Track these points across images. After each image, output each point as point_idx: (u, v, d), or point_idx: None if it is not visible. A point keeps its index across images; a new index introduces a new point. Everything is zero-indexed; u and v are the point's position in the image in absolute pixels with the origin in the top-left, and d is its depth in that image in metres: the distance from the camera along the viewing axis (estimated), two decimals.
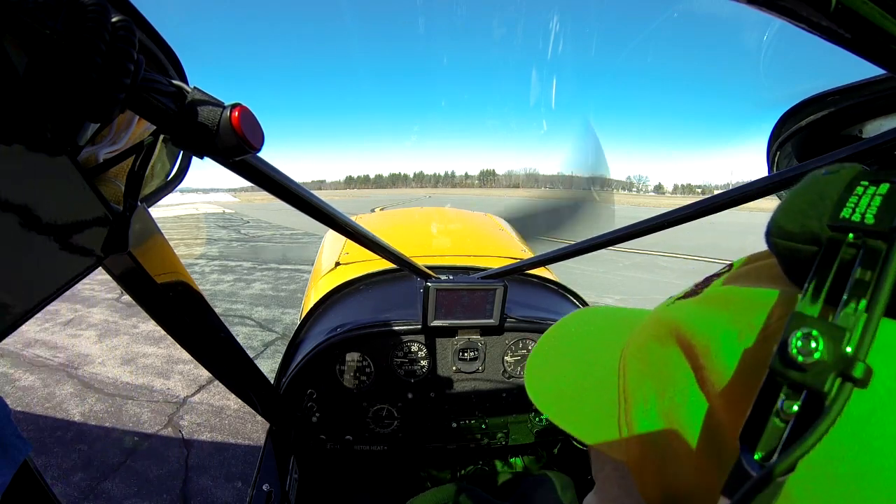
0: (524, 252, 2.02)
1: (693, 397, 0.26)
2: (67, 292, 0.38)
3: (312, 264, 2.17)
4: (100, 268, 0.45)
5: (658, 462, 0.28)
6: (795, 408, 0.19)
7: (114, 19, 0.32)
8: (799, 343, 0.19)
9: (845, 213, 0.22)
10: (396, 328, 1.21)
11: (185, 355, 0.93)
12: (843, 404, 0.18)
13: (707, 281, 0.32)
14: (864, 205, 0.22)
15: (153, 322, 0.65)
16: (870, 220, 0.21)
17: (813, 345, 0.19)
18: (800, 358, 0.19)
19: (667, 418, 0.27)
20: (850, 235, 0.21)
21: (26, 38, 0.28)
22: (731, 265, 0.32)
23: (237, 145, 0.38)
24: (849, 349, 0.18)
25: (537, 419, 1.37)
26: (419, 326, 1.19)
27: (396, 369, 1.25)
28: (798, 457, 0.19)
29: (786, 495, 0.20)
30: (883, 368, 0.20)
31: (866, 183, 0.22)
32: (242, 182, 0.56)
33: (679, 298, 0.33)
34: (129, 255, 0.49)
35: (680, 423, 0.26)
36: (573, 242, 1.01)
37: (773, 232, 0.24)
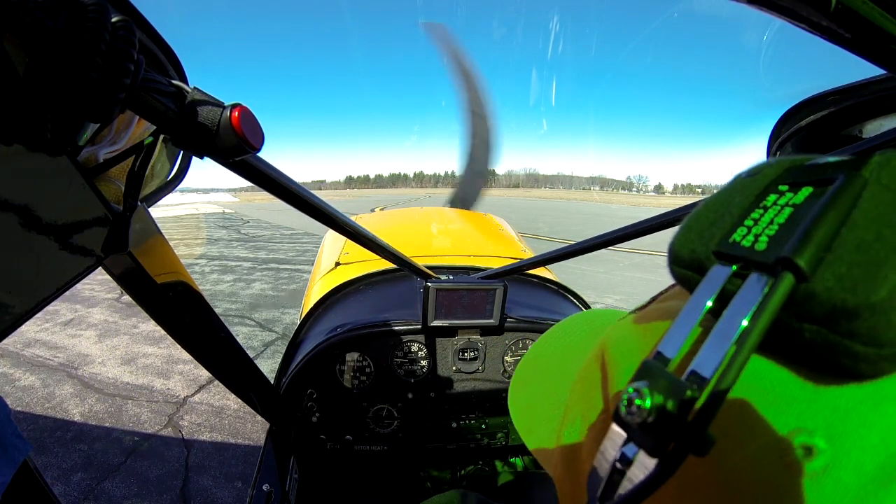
0: (524, 252, 2.02)
1: (602, 425, 0.24)
2: (67, 292, 0.38)
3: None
4: (100, 268, 0.45)
5: (573, 483, 0.26)
6: (637, 457, 0.17)
7: (114, 19, 0.32)
8: (625, 398, 0.17)
9: (738, 235, 0.18)
10: (396, 328, 1.21)
11: (185, 355, 0.93)
12: (671, 471, 0.15)
13: (663, 293, 0.29)
14: (766, 222, 0.18)
15: (153, 322, 0.65)
16: (762, 245, 0.17)
17: (639, 403, 0.16)
18: (624, 413, 0.17)
19: (583, 442, 0.26)
20: (734, 266, 0.18)
21: (26, 38, 0.28)
22: None
23: (237, 145, 0.38)
24: (683, 412, 0.15)
25: None
26: (419, 326, 1.19)
27: (396, 369, 1.25)
28: None
29: None
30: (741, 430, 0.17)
31: (784, 188, 0.19)
32: (242, 182, 0.56)
33: (635, 310, 0.30)
34: (129, 255, 0.49)
35: (590, 450, 0.25)
36: (573, 242, 1.01)
37: (669, 256, 0.21)
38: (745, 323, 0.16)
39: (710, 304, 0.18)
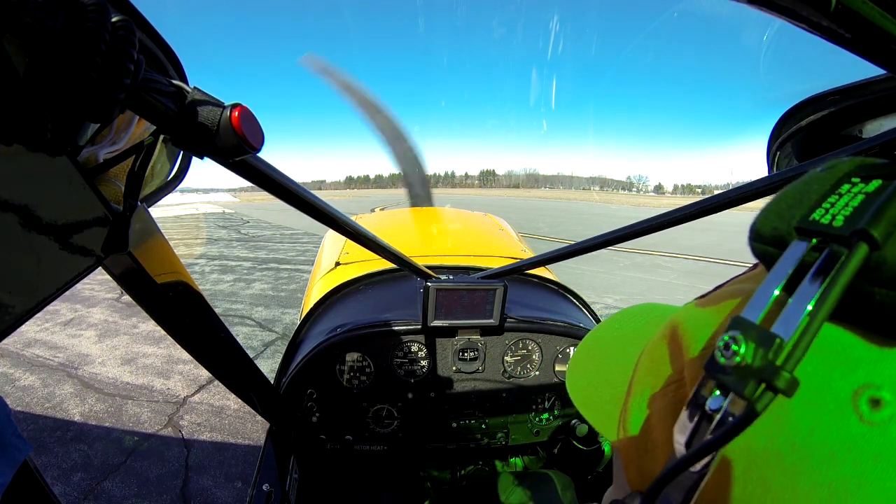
0: (524, 252, 2.02)
1: (674, 392, 0.27)
2: (67, 292, 0.38)
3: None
4: (100, 268, 0.45)
5: (640, 449, 0.29)
6: (723, 405, 0.20)
7: (114, 19, 0.32)
8: (721, 345, 0.19)
9: (817, 214, 0.21)
10: (396, 328, 1.21)
11: (185, 355, 0.93)
12: (760, 410, 0.18)
13: (729, 280, 0.32)
14: (842, 205, 0.20)
15: (153, 322, 0.65)
16: (839, 222, 0.20)
17: (735, 348, 0.19)
18: (721, 360, 0.19)
19: (651, 410, 0.29)
20: (814, 240, 0.20)
21: (26, 38, 0.28)
22: (756, 265, 0.32)
23: (237, 145, 0.38)
24: (772, 356, 0.18)
25: (537, 419, 1.37)
26: (419, 326, 1.19)
27: (396, 369, 1.25)
28: (704, 452, 0.19)
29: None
30: (814, 377, 0.20)
31: (857, 180, 0.21)
32: (242, 182, 0.56)
33: (697, 299, 0.33)
34: (129, 255, 0.49)
35: (660, 416, 0.28)
36: (573, 242, 1.01)
37: (751, 234, 0.24)
38: (825, 283, 0.18)
39: (791, 272, 0.20)
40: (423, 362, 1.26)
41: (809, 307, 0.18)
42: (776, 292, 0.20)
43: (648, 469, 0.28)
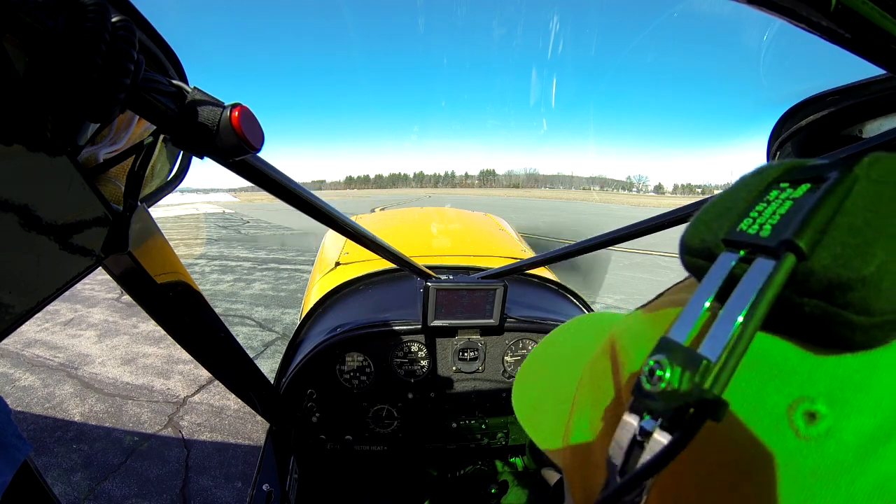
0: (524, 252, 2.02)
1: (614, 410, 0.25)
2: (67, 292, 0.38)
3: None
4: (100, 268, 0.45)
5: (584, 470, 0.27)
6: (653, 430, 0.18)
7: (114, 19, 0.32)
8: (647, 371, 0.18)
9: (744, 224, 0.20)
10: (396, 328, 1.21)
11: (185, 355, 0.93)
12: (689, 437, 0.17)
13: (669, 289, 0.30)
14: (769, 214, 0.19)
15: (153, 322, 0.65)
16: (766, 232, 0.19)
17: (659, 373, 0.18)
18: (647, 385, 0.18)
19: (593, 430, 0.27)
20: (742, 251, 0.19)
21: (26, 38, 0.28)
22: None
23: (237, 145, 0.38)
24: (699, 379, 0.17)
25: None
26: (419, 326, 1.19)
27: (396, 369, 1.25)
28: (634, 482, 0.18)
29: None
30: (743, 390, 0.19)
31: (785, 185, 0.20)
32: (242, 182, 0.56)
33: (641, 307, 0.32)
34: (129, 255, 0.49)
35: (601, 437, 0.26)
36: (573, 242, 1.01)
37: (681, 247, 0.23)
38: (753, 297, 0.17)
39: (719, 286, 0.19)
40: (423, 362, 1.26)
41: (738, 322, 0.17)
42: (705, 307, 0.20)
43: (593, 492, 0.26)
